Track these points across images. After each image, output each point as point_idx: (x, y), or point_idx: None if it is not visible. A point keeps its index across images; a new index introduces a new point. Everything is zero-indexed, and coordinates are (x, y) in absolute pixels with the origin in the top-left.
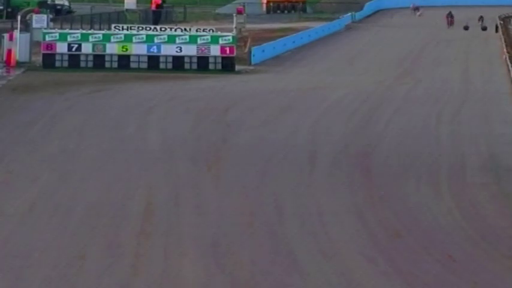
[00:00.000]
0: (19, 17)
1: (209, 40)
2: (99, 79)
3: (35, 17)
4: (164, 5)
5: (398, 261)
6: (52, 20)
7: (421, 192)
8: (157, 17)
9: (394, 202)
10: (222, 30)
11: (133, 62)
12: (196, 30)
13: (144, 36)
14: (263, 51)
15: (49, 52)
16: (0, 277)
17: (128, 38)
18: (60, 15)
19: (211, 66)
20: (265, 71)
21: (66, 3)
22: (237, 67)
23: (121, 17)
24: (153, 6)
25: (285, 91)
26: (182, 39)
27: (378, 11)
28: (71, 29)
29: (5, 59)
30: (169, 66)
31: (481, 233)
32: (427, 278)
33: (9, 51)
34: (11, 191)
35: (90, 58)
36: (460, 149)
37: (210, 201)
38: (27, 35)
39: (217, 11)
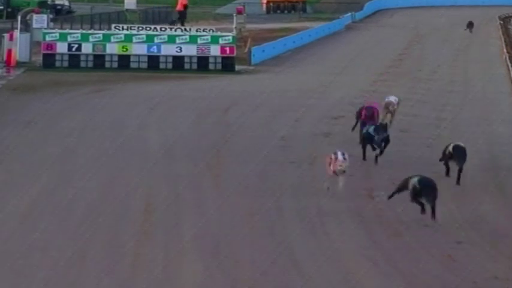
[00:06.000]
0: (19, 17)
1: (209, 40)
2: (99, 79)
3: (35, 17)
4: (164, 5)
5: (398, 261)
6: (52, 20)
7: None
8: (183, 17)
9: (394, 202)
10: (222, 30)
11: (133, 62)
12: (196, 30)
13: (144, 36)
14: (263, 51)
15: (49, 52)
16: (0, 277)
17: (128, 38)
18: (60, 15)
19: (211, 66)
20: (265, 71)
21: (66, 3)
22: (237, 67)
23: (121, 17)
24: (179, 7)
25: (285, 91)
26: (182, 39)
27: (378, 11)
28: (71, 29)
29: (5, 59)
30: (169, 66)
31: (481, 233)
32: (427, 278)
33: (9, 51)
34: (11, 191)
35: (90, 58)
36: None
37: (210, 201)
38: (27, 35)
39: (217, 11)
